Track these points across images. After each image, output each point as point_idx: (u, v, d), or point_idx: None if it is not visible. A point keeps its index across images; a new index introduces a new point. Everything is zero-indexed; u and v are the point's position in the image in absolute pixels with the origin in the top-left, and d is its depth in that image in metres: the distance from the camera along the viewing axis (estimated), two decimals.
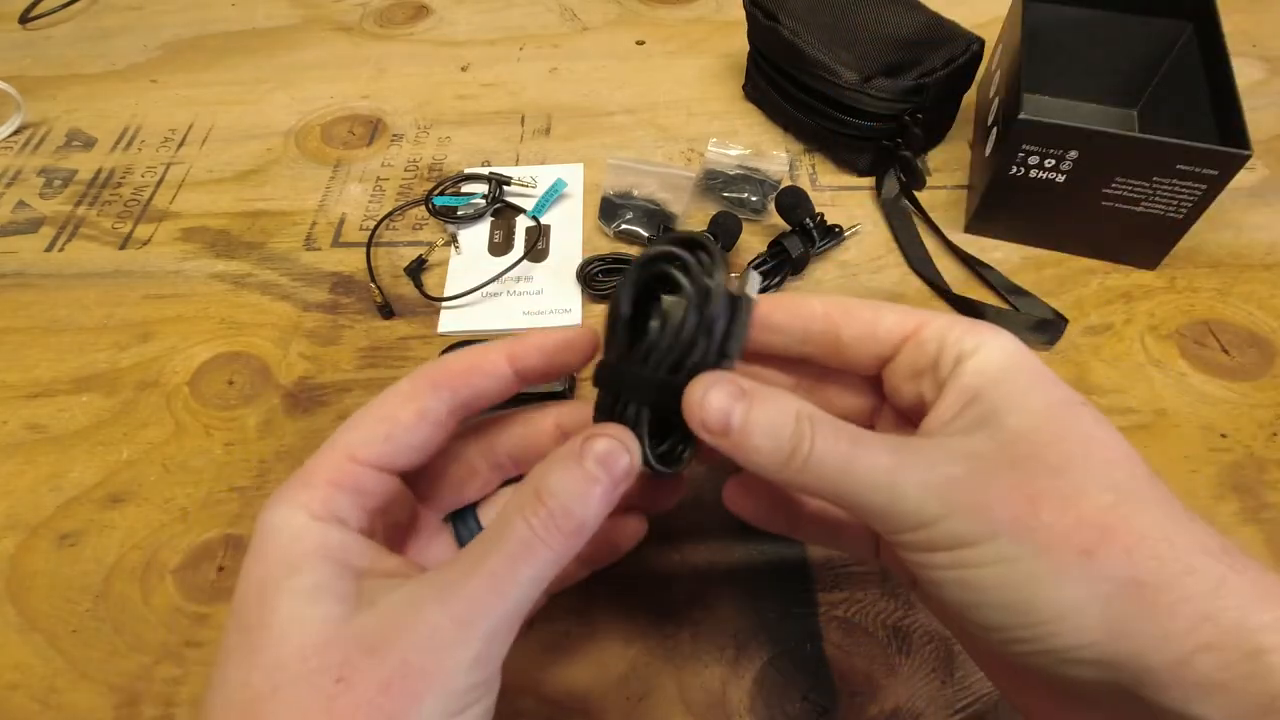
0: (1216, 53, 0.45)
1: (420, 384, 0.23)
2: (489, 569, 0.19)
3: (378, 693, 0.18)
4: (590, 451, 0.21)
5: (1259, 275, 0.45)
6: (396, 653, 0.18)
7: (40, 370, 0.42)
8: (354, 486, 0.22)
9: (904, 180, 0.49)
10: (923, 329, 0.23)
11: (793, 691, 0.31)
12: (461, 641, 0.19)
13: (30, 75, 0.62)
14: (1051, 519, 0.19)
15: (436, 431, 0.23)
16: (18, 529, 0.36)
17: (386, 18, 0.67)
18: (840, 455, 0.21)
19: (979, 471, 0.20)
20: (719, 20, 0.66)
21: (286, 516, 0.21)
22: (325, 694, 0.18)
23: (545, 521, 0.20)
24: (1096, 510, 0.19)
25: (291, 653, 0.19)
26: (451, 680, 0.18)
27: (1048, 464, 0.20)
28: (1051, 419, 0.21)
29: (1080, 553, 0.19)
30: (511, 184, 0.51)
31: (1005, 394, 0.21)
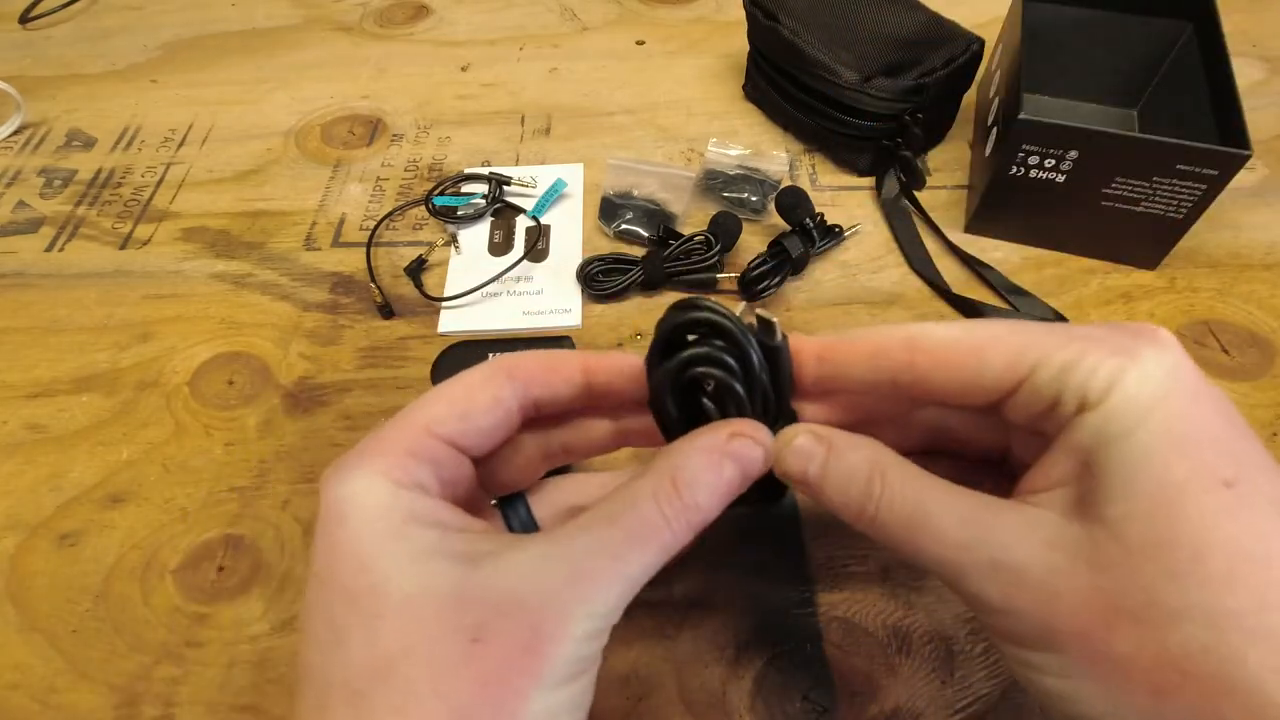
0: (1216, 53, 0.45)
1: (497, 373, 0.23)
2: (613, 541, 0.19)
3: (514, 651, 0.18)
4: (736, 452, 0.21)
5: (1259, 275, 0.45)
6: (527, 616, 0.18)
7: (40, 370, 0.42)
8: (431, 458, 0.21)
9: (904, 180, 0.49)
10: (1040, 370, 0.19)
11: (793, 691, 0.31)
12: (585, 614, 0.19)
13: (30, 75, 0.62)
14: (1125, 649, 0.16)
15: (505, 421, 0.23)
16: (18, 529, 0.36)
17: (386, 18, 0.67)
18: (906, 518, 0.19)
19: (1053, 571, 0.17)
20: (719, 20, 0.66)
21: (368, 484, 0.20)
22: (463, 652, 0.18)
23: (678, 511, 0.20)
24: (1184, 650, 0.16)
25: (420, 613, 0.18)
26: (573, 648, 0.19)
27: (1138, 577, 0.16)
28: (1169, 508, 0.16)
29: (1151, 693, 0.16)
30: (511, 184, 0.51)
31: (1123, 465, 0.17)
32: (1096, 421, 0.18)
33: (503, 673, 0.18)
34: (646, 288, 0.45)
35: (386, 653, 0.18)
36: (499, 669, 0.18)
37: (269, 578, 0.35)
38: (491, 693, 0.18)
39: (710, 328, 0.21)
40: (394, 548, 0.19)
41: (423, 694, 0.18)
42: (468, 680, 0.18)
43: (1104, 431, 0.18)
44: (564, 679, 0.19)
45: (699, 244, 0.44)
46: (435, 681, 0.18)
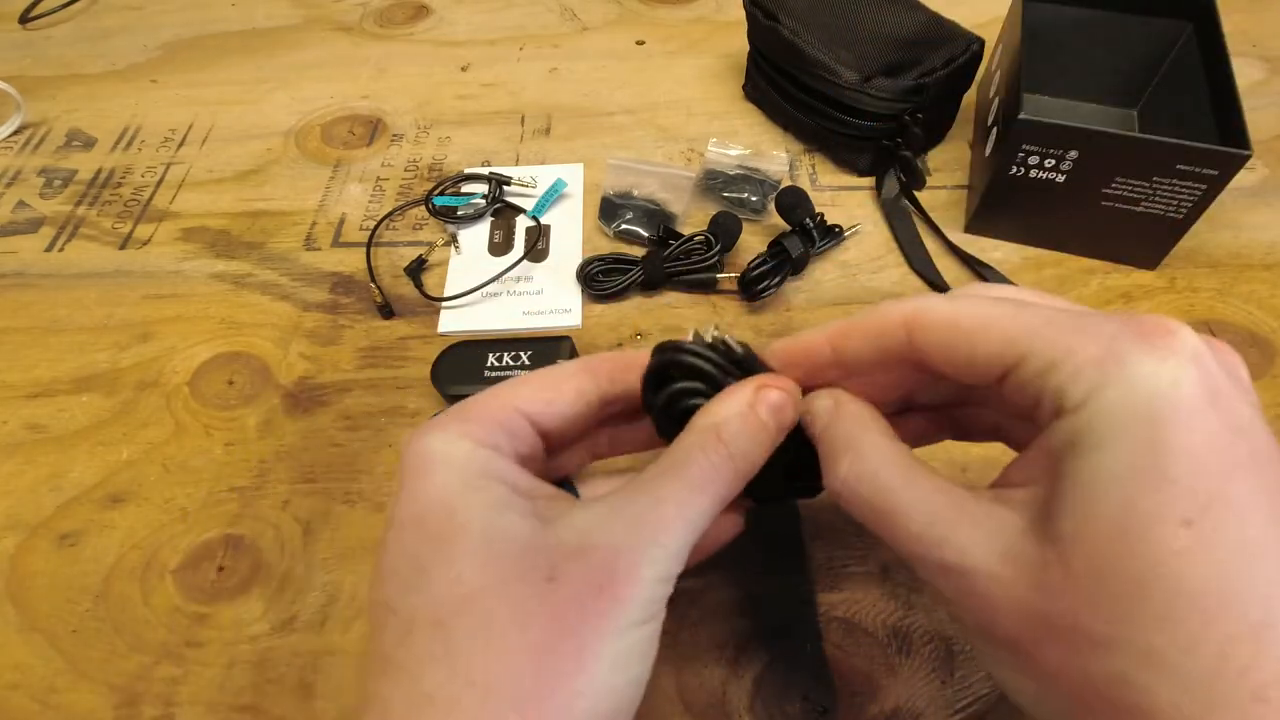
0: (1216, 53, 0.45)
1: (584, 367, 0.25)
2: (675, 496, 0.21)
3: (588, 591, 0.19)
4: (765, 400, 0.22)
5: (1259, 275, 0.45)
6: (600, 558, 0.20)
7: (40, 370, 0.42)
8: (510, 430, 0.23)
9: (904, 180, 0.49)
10: (1025, 364, 0.18)
11: (793, 691, 0.31)
12: (655, 556, 0.20)
13: (30, 75, 0.62)
14: (1052, 665, 0.17)
15: (585, 414, 0.24)
16: (18, 529, 0.36)
17: (386, 18, 0.67)
18: (876, 504, 0.21)
19: (1001, 583, 0.18)
20: (719, 20, 0.66)
21: (449, 442, 0.22)
22: (542, 590, 0.19)
23: (725, 459, 0.21)
24: (1104, 678, 0.16)
25: (502, 552, 0.20)
26: (644, 589, 0.20)
27: (1080, 603, 0.16)
28: (1124, 542, 0.16)
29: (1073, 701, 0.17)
30: (511, 184, 0.51)
31: (1085, 482, 0.17)
32: (1069, 429, 0.17)
33: (579, 610, 0.19)
34: (646, 288, 0.45)
35: (468, 587, 0.19)
36: (575, 606, 0.19)
37: (269, 578, 0.35)
38: (568, 627, 0.19)
39: (684, 367, 0.23)
40: (472, 498, 0.21)
41: (502, 625, 0.19)
42: (544, 615, 0.19)
43: (1074, 442, 0.17)
44: (636, 622, 0.20)
45: (699, 244, 0.44)
46: (514, 614, 0.19)
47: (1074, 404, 0.17)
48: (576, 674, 0.18)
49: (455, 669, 0.18)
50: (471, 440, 0.22)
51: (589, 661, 0.19)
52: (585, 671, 0.18)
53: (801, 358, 0.24)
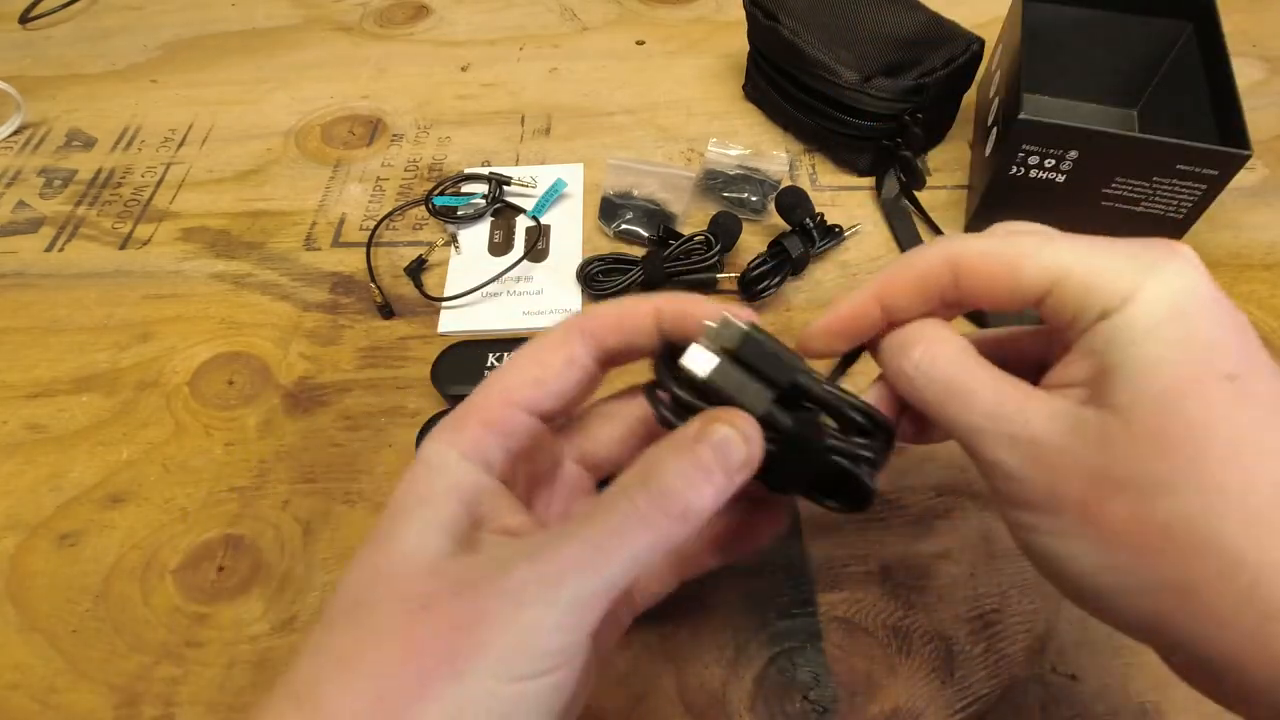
0: (1216, 53, 0.45)
1: (569, 331, 0.24)
2: (583, 538, 0.19)
3: (450, 629, 0.18)
4: (706, 437, 0.20)
5: (1259, 275, 0.45)
6: (478, 599, 0.19)
7: (40, 370, 0.42)
8: (502, 428, 0.22)
9: (904, 180, 0.49)
10: (1063, 283, 0.20)
11: (793, 691, 0.31)
12: (542, 601, 0.18)
13: (30, 75, 0.62)
14: (1118, 515, 0.18)
15: (584, 378, 0.24)
16: (18, 529, 0.36)
17: (386, 18, 0.67)
18: (946, 381, 0.21)
19: (1063, 447, 0.19)
20: (719, 20, 0.66)
21: (439, 452, 0.22)
22: (409, 615, 0.19)
23: (648, 502, 0.19)
24: (1169, 518, 0.18)
25: (398, 573, 0.20)
26: (523, 638, 0.18)
27: (1137, 455, 0.18)
28: (1170, 399, 0.18)
29: (1134, 553, 0.18)
30: (511, 184, 0.51)
31: (1134, 365, 0.19)
32: (1111, 328, 0.19)
33: (435, 643, 0.18)
34: (646, 288, 0.45)
35: (362, 593, 0.20)
36: (432, 640, 0.18)
37: (269, 578, 0.35)
38: (418, 662, 0.18)
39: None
40: (419, 512, 0.21)
41: (364, 642, 0.19)
42: (401, 642, 0.18)
43: (1118, 338, 0.19)
44: (520, 672, 0.18)
45: (699, 244, 0.44)
46: (377, 635, 0.19)
47: (1116, 305, 0.19)
48: (409, 710, 0.17)
49: (316, 668, 0.19)
50: (457, 451, 0.22)
51: (429, 701, 0.17)
52: (422, 710, 0.17)
53: (852, 325, 0.24)
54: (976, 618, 0.33)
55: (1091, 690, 0.31)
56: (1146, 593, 0.18)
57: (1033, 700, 0.31)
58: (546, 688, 0.19)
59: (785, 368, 0.22)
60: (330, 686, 0.18)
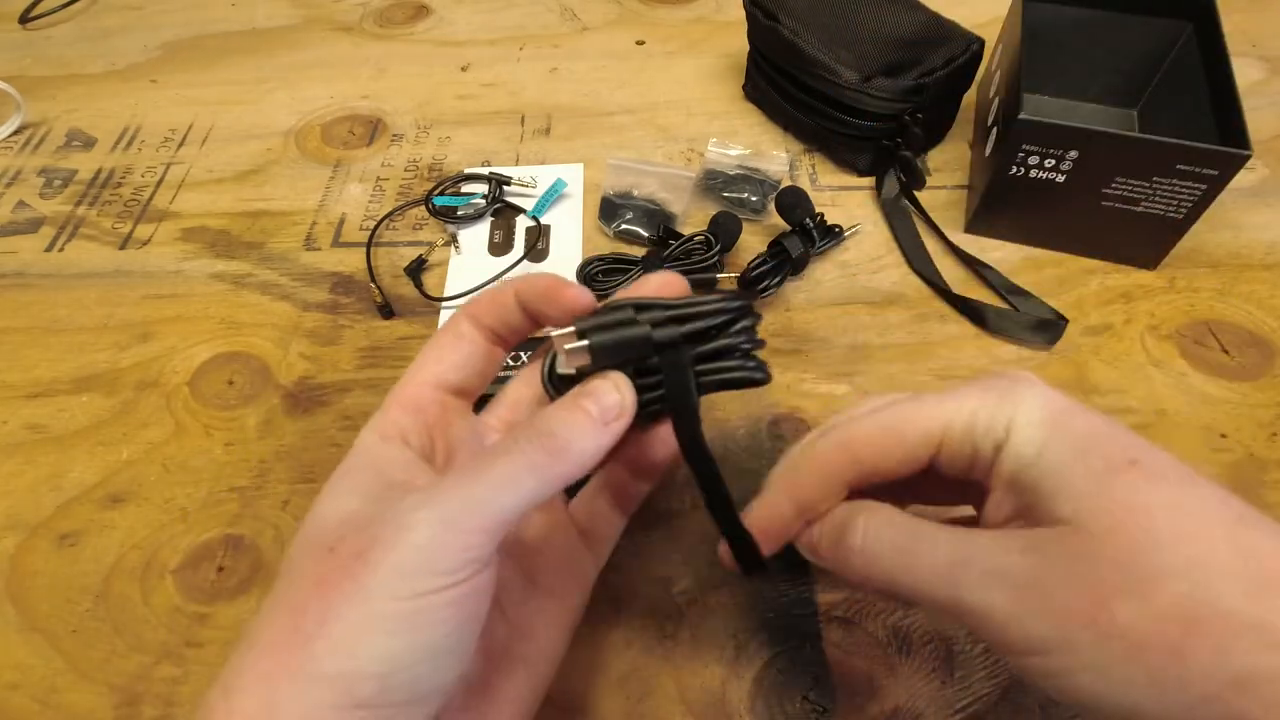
0: (1216, 53, 0.45)
1: (456, 315, 0.27)
2: (469, 470, 0.22)
3: (349, 558, 0.20)
4: (585, 392, 0.24)
5: (1259, 275, 0.45)
6: (372, 529, 0.21)
7: (40, 370, 0.42)
8: (413, 404, 0.26)
9: (904, 180, 0.49)
10: (949, 432, 0.22)
11: (793, 691, 0.31)
12: (425, 523, 0.20)
13: (30, 75, 0.62)
14: (1127, 621, 0.18)
15: (475, 351, 0.27)
16: (18, 529, 0.36)
17: (386, 18, 0.67)
18: (896, 546, 0.22)
19: (1041, 570, 0.19)
20: (719, 20, 0.66)
21: (361, 438, 0.25)
22: (319, 558, 0.21)
23: (529, 441, 0.22)
24: (1173, 603, 0.18)
25: (314, 529, 0.22)
26: (411, 556, 0.20)
27: (1110, 557, 0.19)
28: (1103, 498, 0.19)
29: (1169, 654, 0.18)
30: (511, 184, 0.51)
31: (1048, 477, 0.20)
32: (1011, 454, 0.21)
33: (340, 574, 0.20)
34: None
35: (290, 554, 0.22)
36: (335, 571, 0.20)
37: (269, 578, 0.35)
38: (323, 590, 0.20)
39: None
40: (338, 484, 0.24)
41: (285, 586, 0.21)
42: (311, 579, 0.21)
43: (1020, 457, 0.21)
44: (404, 589, 0.20)
45: (699, 244, 0.44)
46: (293, 577, 0.21)
47: (1002, 436, 0.21)
48: (315, 635, 0.19)
49: (259, 616, 0.21)
50: (377, 434, 0.25)
51: (331, 623, 0.19)
52: (325, 634, 0.19)
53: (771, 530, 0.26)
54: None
55: None
56: (1206, 702, 0.17)
57: (1033, 700, 0.31)
58: (441, 603, 0.20)
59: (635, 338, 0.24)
60: (258, 627, 0.21)
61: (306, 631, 0.20)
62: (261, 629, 0.21)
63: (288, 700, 0.19)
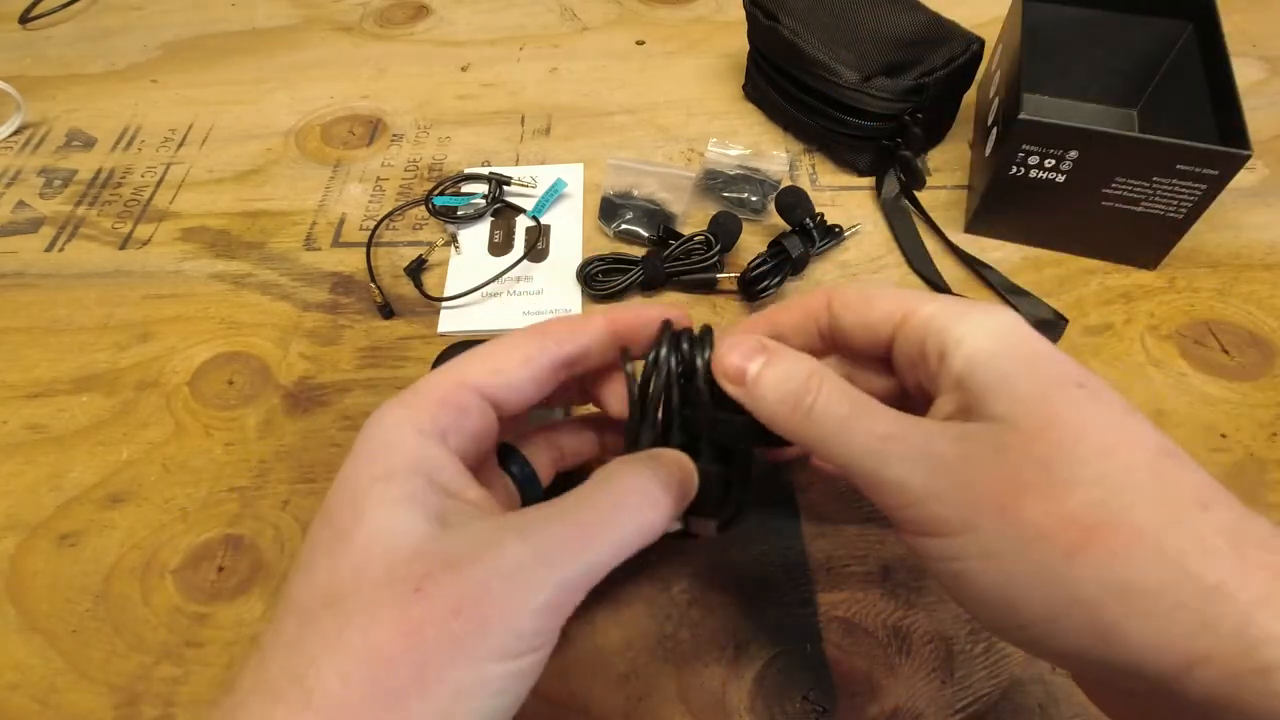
0: (1216, 53, 0.45)
1: (530, 333, 0.25)
2: (578, 519, 0.20)
3: (450, 613, 0.18)
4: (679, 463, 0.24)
5: (1259, 275, 0.45)
6: (477, 576, 0.19)
7: (40, 370, 0.42)
8: (459, 406, 0.23)
9: (904, 180, 0.49)
10: (910, 318, 0.23)
11: (793, 691, 0.31)
12: (538, 581, 0.19)
13: (30, 75, 0.62)
14: (1034, 515, 0.18)
15: (538, 378, 0.25)
16: (18, 529, 0.36)
17: (386, 18, 0.67)
18: (839, 416, 0.22)
19: (966, 457, 0.20)
20: (719, 20, 0.66)
21: (392, 425, 0.22)
22: (404, 600, 0.18)
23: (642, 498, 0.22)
24: (1083, 506, 0.18)
25: (379, 555, 0.19)
26: (520, 619, 0.18)
27: (1034, 455, 0.19)
28: (1042, 403, 0.20)
29: (1064, 553, 0.18)
30: (511, 184, 0.51)
31: (992, 380, 0.21)
32: (963, 360, 0.21)
33: (438, 627, 0.18)
34: (646, 288, 0.45)
35: (341, 581, 0.19)
36: (434, 622, 0.18)
37: (269, 578, 0.35)
38: (417, 645, 0.18)
39: None
40: (383, 490, 0.20)
41: (356, 627, 0.18)
42: (397, 626, 0.18)
43: (971, 359, 0.21)
44: (501, 654, 0.18)
45: (699, 244, 0.44)
46: (369, 618, 0.18)
47: (958, 339, 0.22)
48: (410, 695, 0.17)
49: (296, 662, 0.18)
50: (412, 425, 0.22)
51: (430, 685, 0.17)
52: (423, 695, 0.17)
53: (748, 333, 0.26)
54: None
55: None
56: (1085, 604, 0.18)
57: (1033, 700, 0.31)
58: (530, 666, 0.19)
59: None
60: (320, 677, 0.17)
61: (396, 695, 0.17)
62: (307, 676, 0.18)
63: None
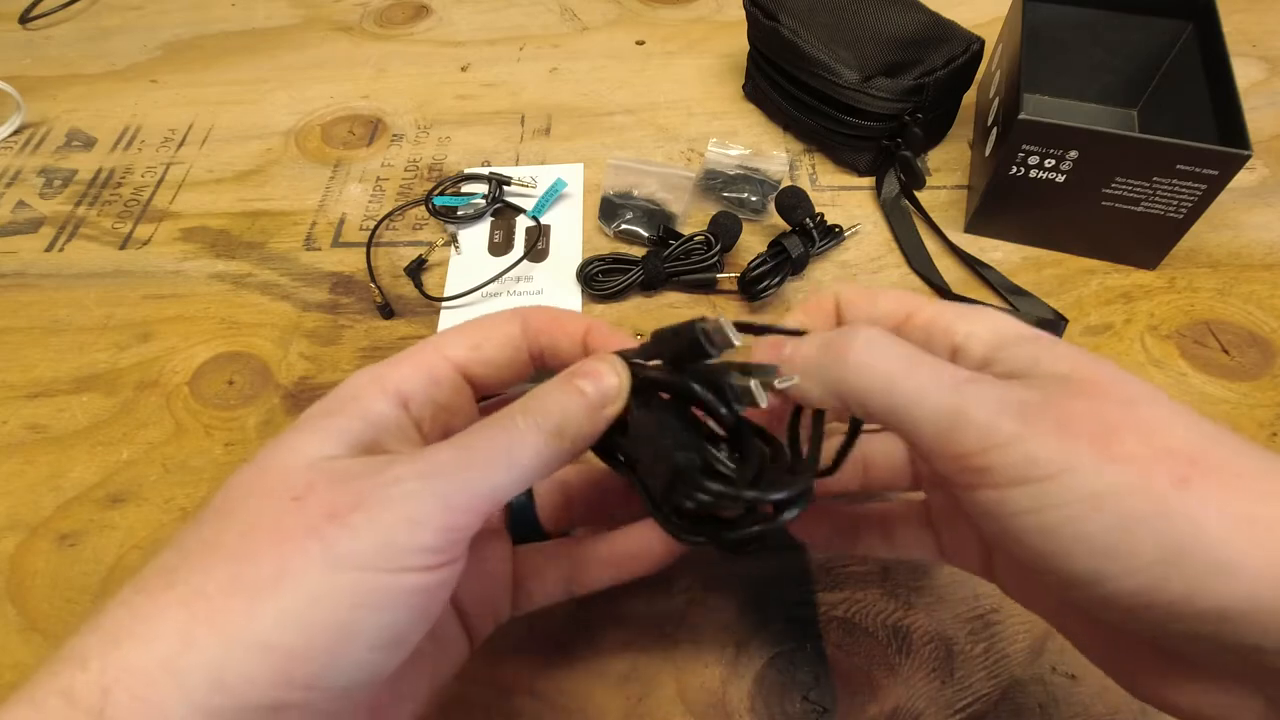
0: (1216, 53, 0.45)
1: (513, 315, 0.25)
2: (463, 444, 0.20)
3: (323, 518, 0.18)
4: (580, 369, 0.23)
5: (1259, 275, 0.45)
6: (356, 487, 0.19)
7: (40, 370, 0.42)
8: (431, 375, 0.23)
9: (904, 180, 0.49)
10: (914, 316, 0.23)
11: (793, 691, 0.31)
12: (417, 494, 0.19)
13: (30, 75, 0.62)
14: (1134, 449, 0.17)
15: (514, 359, 0.25)
16: (18, 529, 0.36)
17: (386, 18, 0.67)
18: (901, 356, 0.20)
19: (1048, 399, 0.18)
20: (719, 20, 0.66)
21: (359, 381, 0.23)
22: (281, 506, 0.19)
23: (526, 419, 0.21)
24: (1181, 441, 0.17)
25: (277, 466, 0.20)
26: (396, 530, 0.18)
27: (1116, 397, 0.18)
28: (1092, 366, 0.19)
29: (1175, 483, 0.17)
30: (511, 184, 0.51)
31: (1026, 356, 0.20)
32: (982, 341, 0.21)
33: (302, 531, 0.18)
34: (646, 288, 0.45)
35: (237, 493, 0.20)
36: (301, 527, 0.18)
37: None
38: (283, 547, 0.18)
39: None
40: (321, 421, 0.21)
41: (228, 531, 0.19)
42: (268, 530, 0.18)
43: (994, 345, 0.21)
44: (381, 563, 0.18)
45: (699, 244, 0.44)
46: (245, 523, 0.19)
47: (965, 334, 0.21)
48: (264, 591, 0.17)
49: (171, 560, 0.18)
50: (378, 385, 0.22)
51: (288, 583, 0.17)
52: (278, 592, 0.17)
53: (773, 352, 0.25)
54: (976, 618, 0.33)
55: (1091, 690, 0.31)
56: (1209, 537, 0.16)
57: (1033, 700, 0.31)
58: (410, 587, 0.19)
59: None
60: (188, 570, 0.18)
61: (253, 587, 0.17)
62: (177, 569, 0.18)
63: (207, 664, 0.16)
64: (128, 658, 0.16)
